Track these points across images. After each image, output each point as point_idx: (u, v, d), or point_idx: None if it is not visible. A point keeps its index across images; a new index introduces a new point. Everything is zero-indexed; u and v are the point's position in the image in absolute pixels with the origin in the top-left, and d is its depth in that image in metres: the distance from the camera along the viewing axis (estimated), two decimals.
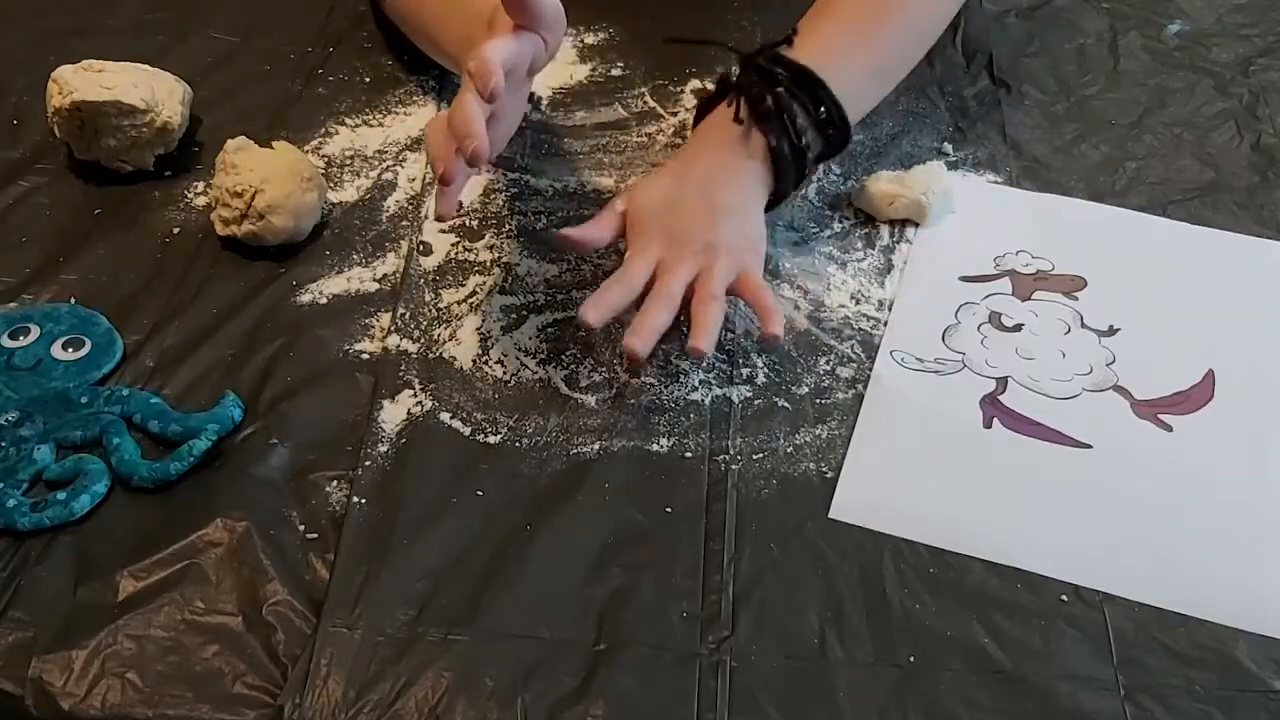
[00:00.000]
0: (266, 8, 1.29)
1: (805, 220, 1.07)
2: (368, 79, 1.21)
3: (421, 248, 1.05)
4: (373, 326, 0.99)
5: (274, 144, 1.07)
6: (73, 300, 1.00)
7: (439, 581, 0.83)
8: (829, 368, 0.96)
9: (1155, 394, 0.94)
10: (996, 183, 1.11)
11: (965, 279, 1.03)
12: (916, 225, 1.07)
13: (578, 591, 0.82)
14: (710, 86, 1.19)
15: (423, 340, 0.98)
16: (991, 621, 0.81)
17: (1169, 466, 0.90)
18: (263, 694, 0.77)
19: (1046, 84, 1.22)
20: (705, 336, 0.92)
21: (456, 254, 1.04)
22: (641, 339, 0.92)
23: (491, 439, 0.91)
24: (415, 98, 1.19)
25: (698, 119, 1.06)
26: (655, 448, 0.91)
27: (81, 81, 1.05)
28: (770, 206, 1.02)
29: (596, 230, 0.99)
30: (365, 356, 0.96)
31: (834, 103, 1.00)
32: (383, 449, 0.90)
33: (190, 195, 1.09)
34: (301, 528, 0.86)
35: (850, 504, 0.87)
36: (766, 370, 0.96)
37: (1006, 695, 0.78)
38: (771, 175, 1.01)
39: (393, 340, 0.97)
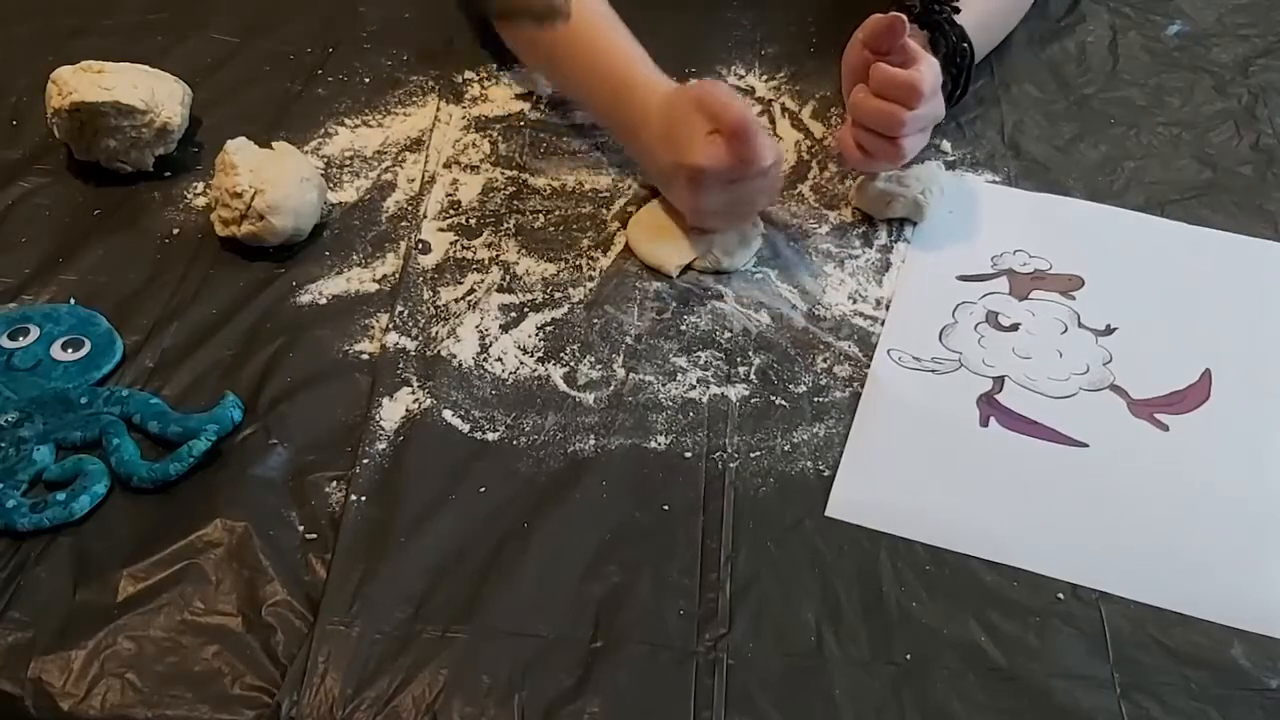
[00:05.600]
0: (266, 8, 1.29)
1: (803, 218, 1.08)
2: (367, 79, 1.21)
3: (420, 246, 1.05)
4: (372, 327, 0.99)
5: (274, 144, 1.07)
6: (72, 300, 1.00)
7: (436, 579, 0.83)
8: (826, 366, 0.96)
9: (1152, 393, 0.94)
10: (995, 182, 1.11)
11: (963, 278, 1.03)
12: (914, 224, 1.07)
13: (575, 589, 0.83)
14: None
15: (421, 338, 0.98)
16: (988, 620, 0.81)
17: (1165, 466, 0.90)
18: (262, 694, 0.77)
19: (1046, 83, 1.22)
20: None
21: (455, 252, 1.05)
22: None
23: (490, 436, 0.91)
24: (415, 98, 1.19)
25: None
26: (653, 446, 0.91)
27: (81, 82, 1.05)
28: None
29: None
30: (364, 357, 0.97)
31: (970, 73, 1.11)
32: (381, 446, 0.90)
33: (190, 196, 1.09)
34: (301, 528, 0.86)
35: (847, 502, 0.87)
36: (764, 369, 0.96)
37: (1003, 693, 0.78)
38: None
39: (391, 338, 0.97)
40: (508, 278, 1.02)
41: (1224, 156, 1.14)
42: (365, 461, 0.89)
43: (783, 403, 0.94)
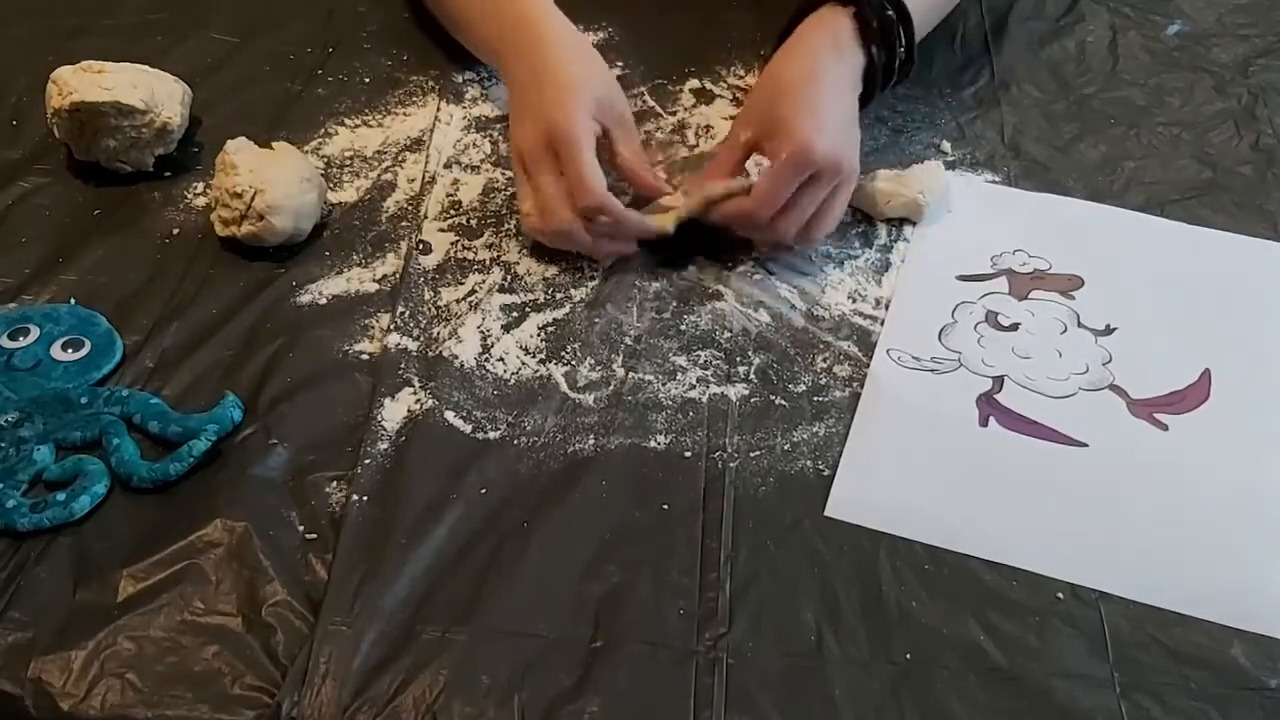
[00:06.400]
0: (266, 8, 1.29)
1: None
2: (367, 79, 1.21)
3: (421, 246, 1.05)
4: (372, 327, 0.99)
5: (274, 144, 1.07)
6: (73, 300, 1.00)
7: (437, 580, 0.83)
8: (826, 366, 0.96)
9: (1151, 393, 0.94)
10: (994, 182, 1.11)
11: (962, 278, 1.03)
12: (914, 224, 1.07)
13: (575, 589, 0.83)
14: (709, 87, 1.20)
15: (423, 338, 0.98)
16: (987, 619, 0.81)
17: (1165, 466, 0.90)
18: (262, 694, 0.77)
19: (1046, 84, 1.22)
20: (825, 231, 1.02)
21: (456, 253, 1.05)
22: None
23: (491, 436, 0.91)
24: (415, 98, 1.19)
25: (789, 29, 1.08)
26: (653, 445, 0.91)
27: (81, 82, 1.05)
28: None
29: (724, 172, 1.03)
30: (365, 357, 0.97)
31: (910, 40, 1.07)
32: (382, 447, 0.90)
33: (190, 196, 1.09)
34: (301, 528, 0.86)
35: (846, 502, 0.87)
36: (764, 368, 0.96)
37: (1003, 693, 0.78)
38: (861, 87, 1.06)
39: (393, 339, 0.97)
40: (509, 278, 1.02)
41: (1224, 156, 1.14)
42: (367, 462, 0.89)
43: (782, 402, 0.94)
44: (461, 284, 1.02)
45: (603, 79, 1.05)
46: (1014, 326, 0.99)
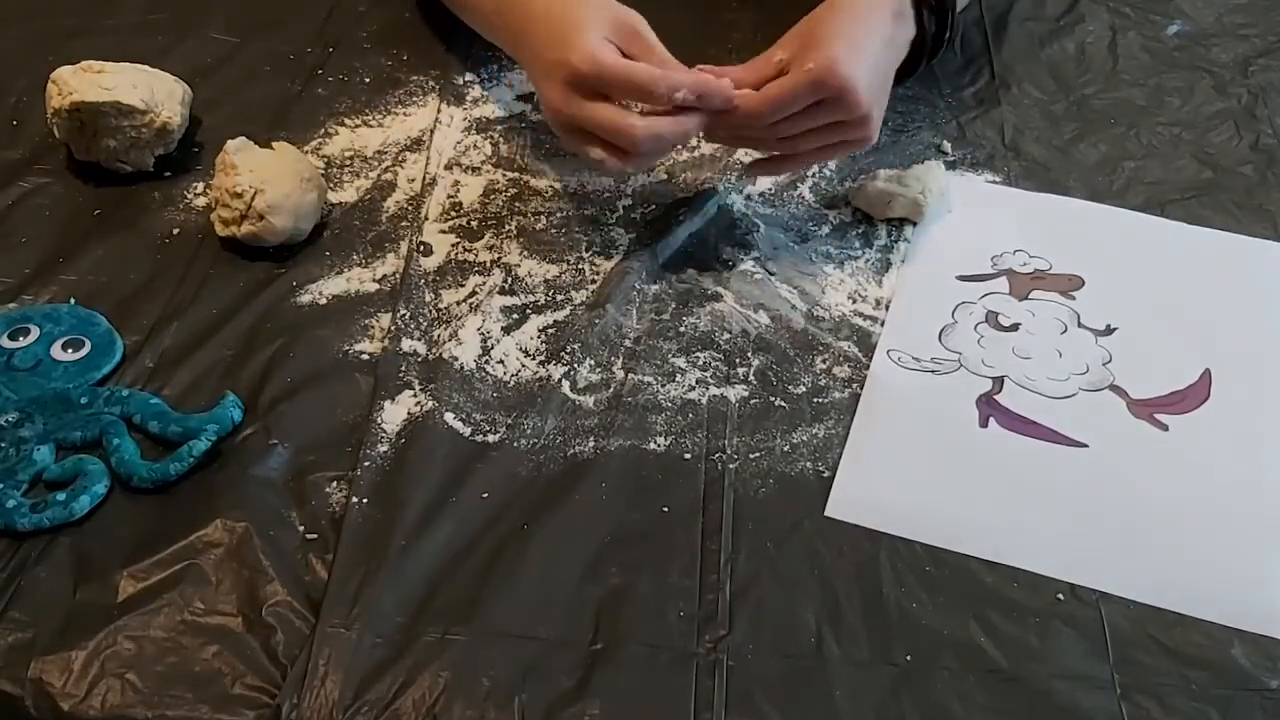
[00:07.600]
0: (266, 8, 1.29)
1: (803, 219, 1.08)
2: (367, 79, 1.21)
3: (422, 248, 1.05)
4: (372, 327, 0.99)
5: (274, 144, 1.07)
6: (73, 301, 1.00)
7: (437, 582, 0.83)
8: (825, 367, 0.96)
9: (1152, 393, 0.94)
10: (995, 182, 1.11)
11: (962, 278, 1.03)
12: (914, 224, 1.07)
13: (575, 591, 0.83)
14: None
15: (424, 340, 0.98)
16: (988, 620, 0.81)
17: (1165, 466, 0.90)
18: (262, 694, 0.77)
19: (1046, 84, 1.22)
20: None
21: (456, 254, 1.05)
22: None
23: (490, 438, 0.91)
24: (415, 98, 1.19)
25: None
26: (652, 447, 0.91)
27: (81, 82, 1.05)
28: None
29: (750, 81, 0.99)
30: (365, 357, 0.97)
31: (954, 11, 1.08)
32: (382, 449, 0.90)
33: (190, 196, 1.09)
34: (301, 528, 0.86)
35: (847, 502, 0.87)
36: (763, 370, 0.96)
37: (1003, 694, 0.78)
38: (905, 55, 1.06)
39: (393, 342, 0.97)
40: (509, 280, 1.02)
41: (1224, 156, 1.14)
42: (366, 464, 0.89)
43: (782, 403, 0.94)
44: (462, 286, 1.02)
45: (599, 2, 1.00)
46: (1014, 327, 0.99)
